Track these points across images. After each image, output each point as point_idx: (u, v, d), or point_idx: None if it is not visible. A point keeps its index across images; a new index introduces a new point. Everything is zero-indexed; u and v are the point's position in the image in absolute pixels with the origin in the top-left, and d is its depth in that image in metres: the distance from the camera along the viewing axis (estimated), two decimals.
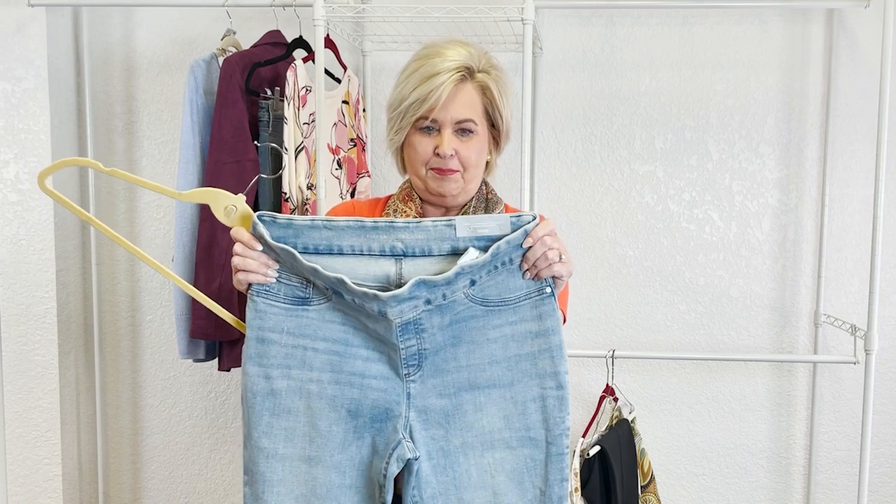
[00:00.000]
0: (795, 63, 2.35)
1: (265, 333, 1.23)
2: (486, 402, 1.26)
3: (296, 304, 1.23)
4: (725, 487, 2.47)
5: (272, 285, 1.23)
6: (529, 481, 1.27)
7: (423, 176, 1.41)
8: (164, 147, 2.48)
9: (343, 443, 1.24)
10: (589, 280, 2.44)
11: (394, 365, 1.24)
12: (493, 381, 1.26)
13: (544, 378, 1.26)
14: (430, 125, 1.38)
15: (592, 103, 2.40)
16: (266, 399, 1.23)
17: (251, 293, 1.23)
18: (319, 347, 1.23)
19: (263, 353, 1.23)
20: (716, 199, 2.39)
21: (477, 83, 1.40)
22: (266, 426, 1.23)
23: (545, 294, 1.26)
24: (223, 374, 2.52)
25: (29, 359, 2.35)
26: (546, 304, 1.26)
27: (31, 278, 2.34)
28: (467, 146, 1.39)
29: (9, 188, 2.32)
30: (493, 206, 1.48)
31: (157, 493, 2.60)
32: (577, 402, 2.45)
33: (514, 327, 1.25)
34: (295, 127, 2.01)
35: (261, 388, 1.23)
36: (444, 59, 1.36)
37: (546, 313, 1.26)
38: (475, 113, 1.39)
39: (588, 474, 2.03)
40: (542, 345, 1.26)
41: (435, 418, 1.25)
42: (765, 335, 2.41)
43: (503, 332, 1.26)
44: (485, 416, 1.26)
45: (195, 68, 2.09)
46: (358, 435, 1.24)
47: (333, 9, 2.00)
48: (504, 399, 1.27)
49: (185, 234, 2.10)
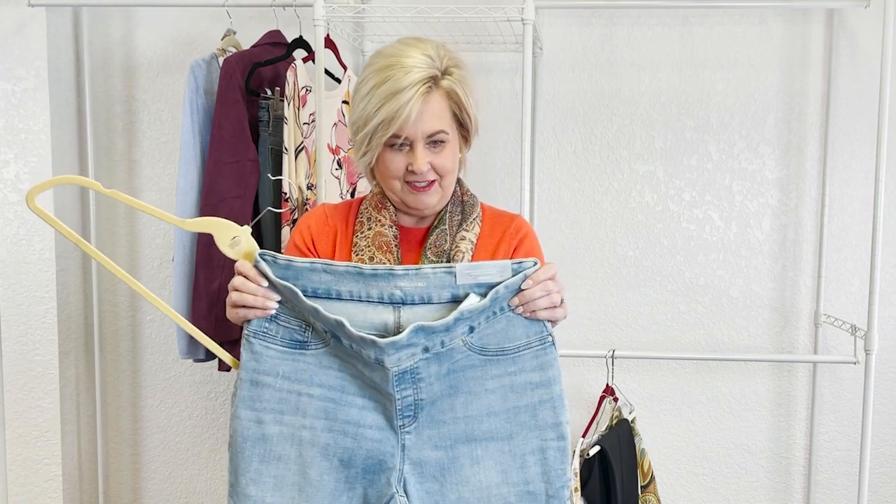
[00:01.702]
0: (795, 63, 2.35)
1: (260, 377, 1.19)
2: (484, 456, 1.23)
3: (293, 348, 1.20)
4: (725, 487, 2.47)
5: (270, 327, 1.19)
6: None
7: (399, 191, 1.37)
8: (164, 147, 2.48)
9: (333, 493, 1.20)
10: (589, 280, 2.44)
11: (389, 416, 1.20)
12: (490, 434, 1.23)
13: (545, 430, 1.23)
14: (401, 143, 1.33)
15: (592, 103, 2.40)
16: (256, 445, 1.19)
17: (247, 335, 1.20)
18: (315, 394, 1.20)
19: (257, 396, 1.19)
20: (716, 199, 2.39)
21: (443, 90, 1.33)
22: (255, 473, 1.19)
23: (547, 343, 1.23)
24: (223, 374, 2.52)
25: (29, 359, 2.35)
26: (548, 354, 1.23)
27: (31, 278, 2.34)
28: (441, 156, 1.35)
29: (9, 188, 2.32)
30: (470, 209, 1.43)
31: (157, 493, 2.60)
32: (577, 402, 2.45)
33: (514, 378, 1.22)
34: (295, 127, 2.01)
35: (252, 433, 1.19)
36: (406, 70, 1.29)
37: (548, 363, 1.23)
38: (444, 122, 1.34)
39: (588, 474, 2.03)
40: (542, 395, 1.23)
41: (430, 471, 1.22)
42: (765, 335, 2.41)
43: (502, 382, 1.23)
44: (482, 470, 1.23)
45: (195, 68, 2.09)
46: (349, 485, 1.20)
47: (333, 9, 2.00)
48: (502, 452, 1.23)
49: (185, 233, 2.10)
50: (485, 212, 1.45)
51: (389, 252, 1.36)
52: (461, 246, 1.38)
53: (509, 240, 1.41)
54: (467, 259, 1.37)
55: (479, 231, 1.41)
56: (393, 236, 1.38)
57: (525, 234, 1.43)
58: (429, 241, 1.39)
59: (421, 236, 1.42)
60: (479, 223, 1.43)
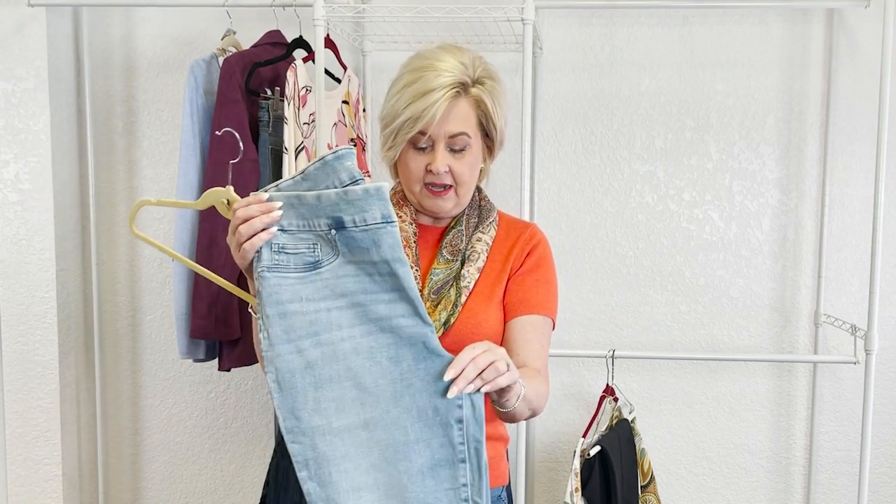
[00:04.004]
0: (795, 63, 2.35)
1: (285, 307, 1.15)
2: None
3: (308, 270, 1.16)
4: (725, 487, 2.47)
5: (280, 258, 1.15)
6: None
7: (417, 193, 1.41)
8: (164, 147, 2.48)
9: (394, 395, 1.16)
10: (589, 280, 2.44)
11: (413, 297, 1.16)
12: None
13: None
14: (424, 143, 1.36)
15: (592, 103, 2.40)
16: (305, 374, 1.14)
17: (261, 271, 1.15)
18: (342, 304, 1.16)
19: (288, 327, 1.14)
20: (716, 199, 2.39)
21: (471, 97, 1.37)
22: (314, 403, 1.14)
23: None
24: (223, 374, 2.52)
25: (29, 359, 2.35)
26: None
27: (31, 278, 2.34)
28: (461, 162, 1.37)
29: (9, 188, 2.32)
30: (487, 213, 1.47)
31: (157, 493, 2.60)
32: (577, 402, 2.45)
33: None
34: (295, 127, 2.01)
35: (297, 365, 1.14)
36: (438, 73, 1.33)
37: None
38: (469, 126, 1.37)
39: (588, 474, 2.03)
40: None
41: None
42: (765, 335, 2.41)
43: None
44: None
45: (195, 68, 2.09)
46: (406, 383, 1.16)
47: (333, 9, 2.00)
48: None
49: (185, 234, 2.10)
50: (501, 218, 1.50)
51: (408, 247, 1.40)
52: (476, 247, 1.42)
53: (522, 245, 1.45)
54: (482, 259, 1.41)
55: (494, 234, 1.45)
56: (412, 233, 1.43)
57: (538, 242, 1.46)
58: (445, 241, 1.43)
59: (438, 235, 1.46)
60: (496, 227, 1.47)
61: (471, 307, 1.38)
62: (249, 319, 2.16)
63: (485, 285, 1.41)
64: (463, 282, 1.39)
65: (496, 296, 1.41)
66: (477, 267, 1.41)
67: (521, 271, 1.43)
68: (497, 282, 1.42)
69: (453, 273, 1.41)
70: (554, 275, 1.47)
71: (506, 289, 1.43)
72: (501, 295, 1.42)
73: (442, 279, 1.40)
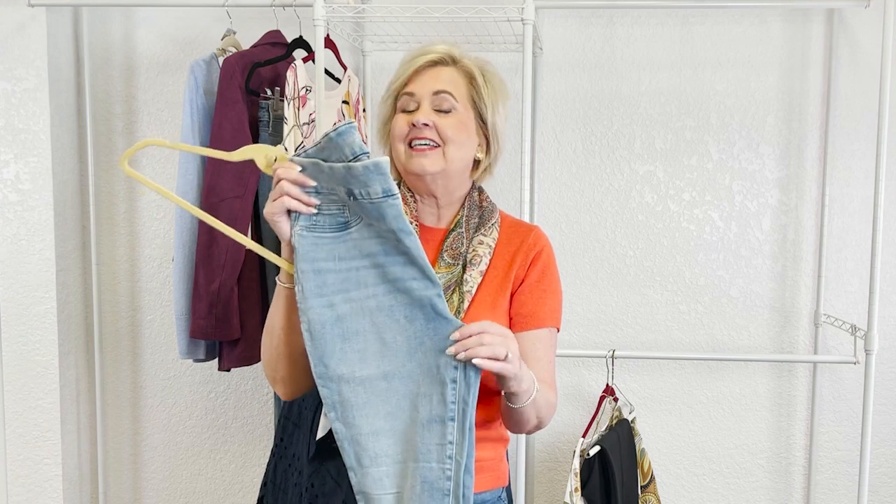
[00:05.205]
0: (795, 63, 2.35)
1: (320, 264, 1.24)
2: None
3: (340, 230, 1.24)
4: (725, 487, 2.47)
5: (317, 219, 1.24)
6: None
7: (402, 154, 1.39)
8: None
9: (409, 351, 1.24)
10: (589, 280, 2.44)
11: (419, 264, 1.24)
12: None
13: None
14: (412, 106, 1.38)
15: (592, 103, 2.40)
16: (335, 326, 1.24)
17: (299, 231, 1.23)
18: (367, 264, 1.25)
19: (322, 283, 1.24)
20: (716, 199, 2.39)
21: (461, 68, 1.41)
22: (340, 353, 1.24)
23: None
24: (223, 374, 2.52)
25: (29, 359, 2.36)
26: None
27: (31, 278, 2.34)
28: (446, 120, 1.37)
29: (9, 188, 2.32)
30: (489, 215, 1.45)
31: (157, 493, 2.60)
32: (577, 402, 2.45)
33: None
34: (295, 127, 2.01)
35: (328, 318, 1.24)
36: (430, 48, 1.41)
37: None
38: (456, 90, 1.38)
39: (588, 474, 2.03)
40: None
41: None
42: (765, 335, 2.41)
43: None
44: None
45: (195, 68, 2.09)
46: (419, 341, 1.24)
47: (333, 9, 2.00)
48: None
49: (185, 233, 2.10)
50: (503, 220, 1.48)
51: None
52: (479, 250, 1.41)
53: (526, 251, 1.42)
54: (485, 263, 1.40)
55: (497, 236, 1.44)
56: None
57: (541, 249, 1.43)
58: (445, 244, 1.42)
59: (441, 237, 1.44)
60: (497, 229, 1.45)
61: (473, 317, 1.36)
62: (249, 319, 2.17)
63: (488, 292, 1.39)
64: (465, 286, 1.37)
65: (500, 305, 1.39)
66: (479, 270, 1.39)
67: (526, 282, 1.41)
68: (500, 291, 1.40)
69: (455, 278, 1.38)
70: (558, 281, 1.45)
71: (511, 299, 1.41)
72: (506, 305, 1.40)
73: (444, 284, 1.38)
